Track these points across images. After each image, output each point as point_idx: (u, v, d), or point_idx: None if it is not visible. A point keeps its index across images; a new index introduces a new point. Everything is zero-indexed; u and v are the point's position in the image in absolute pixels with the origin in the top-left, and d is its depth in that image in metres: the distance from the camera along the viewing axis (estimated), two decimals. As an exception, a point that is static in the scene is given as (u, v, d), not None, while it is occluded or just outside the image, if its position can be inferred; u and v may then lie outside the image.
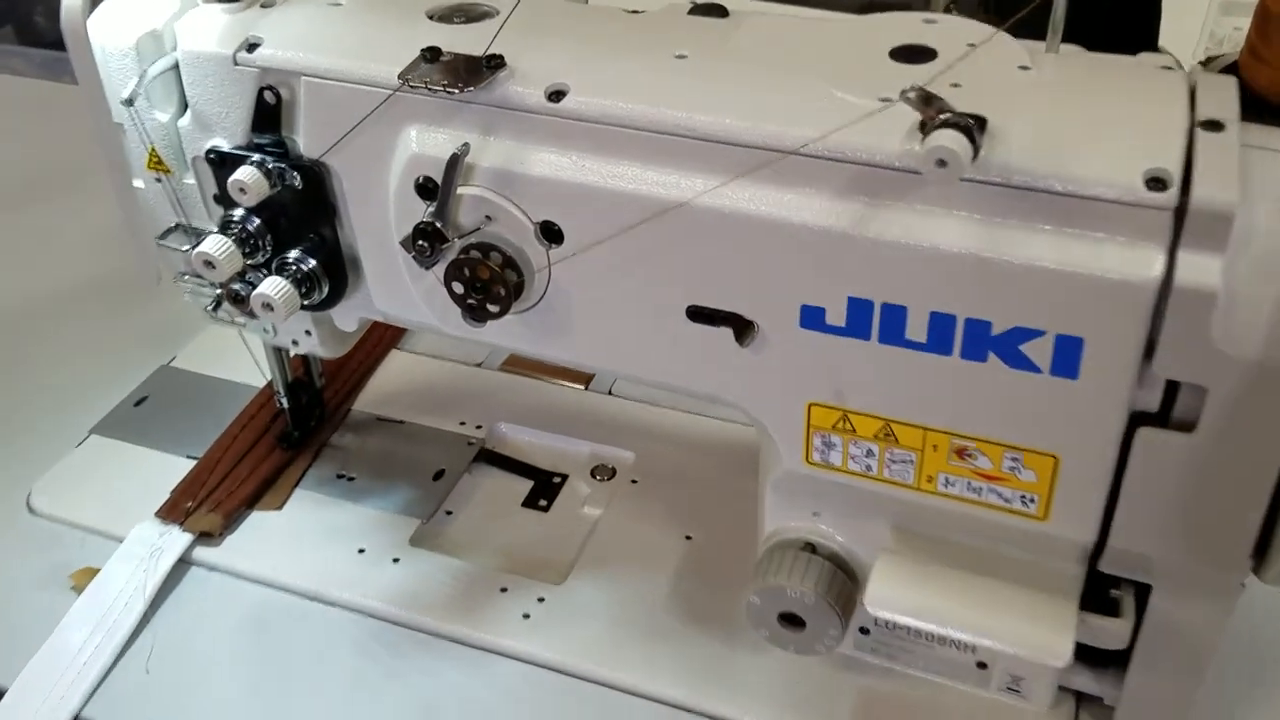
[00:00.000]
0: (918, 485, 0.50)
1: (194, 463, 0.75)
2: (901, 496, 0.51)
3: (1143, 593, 0.51)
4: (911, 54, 0.48)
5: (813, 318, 0.47)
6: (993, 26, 0.47)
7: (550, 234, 0.50)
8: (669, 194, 0.47)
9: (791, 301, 0.47)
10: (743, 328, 0.49)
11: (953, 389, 0.46)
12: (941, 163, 0.40)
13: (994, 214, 0.43)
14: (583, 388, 0.82)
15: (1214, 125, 0.42)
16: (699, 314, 0.50)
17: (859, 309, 0.46)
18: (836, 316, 0.47)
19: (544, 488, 0.75)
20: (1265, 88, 0.43)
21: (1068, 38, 0.48)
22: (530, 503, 0.74)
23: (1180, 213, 0.40)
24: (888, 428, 0.49)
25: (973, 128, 0.41)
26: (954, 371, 0.46)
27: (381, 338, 0.85)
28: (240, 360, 0.74)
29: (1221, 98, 0.43)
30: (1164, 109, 0.43)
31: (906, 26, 0.49)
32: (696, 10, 0.53)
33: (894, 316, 0.46)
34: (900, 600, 0.51)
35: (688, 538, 0.70)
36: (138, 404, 0.82)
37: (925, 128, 0.41)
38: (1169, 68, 0.47)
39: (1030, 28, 0.46)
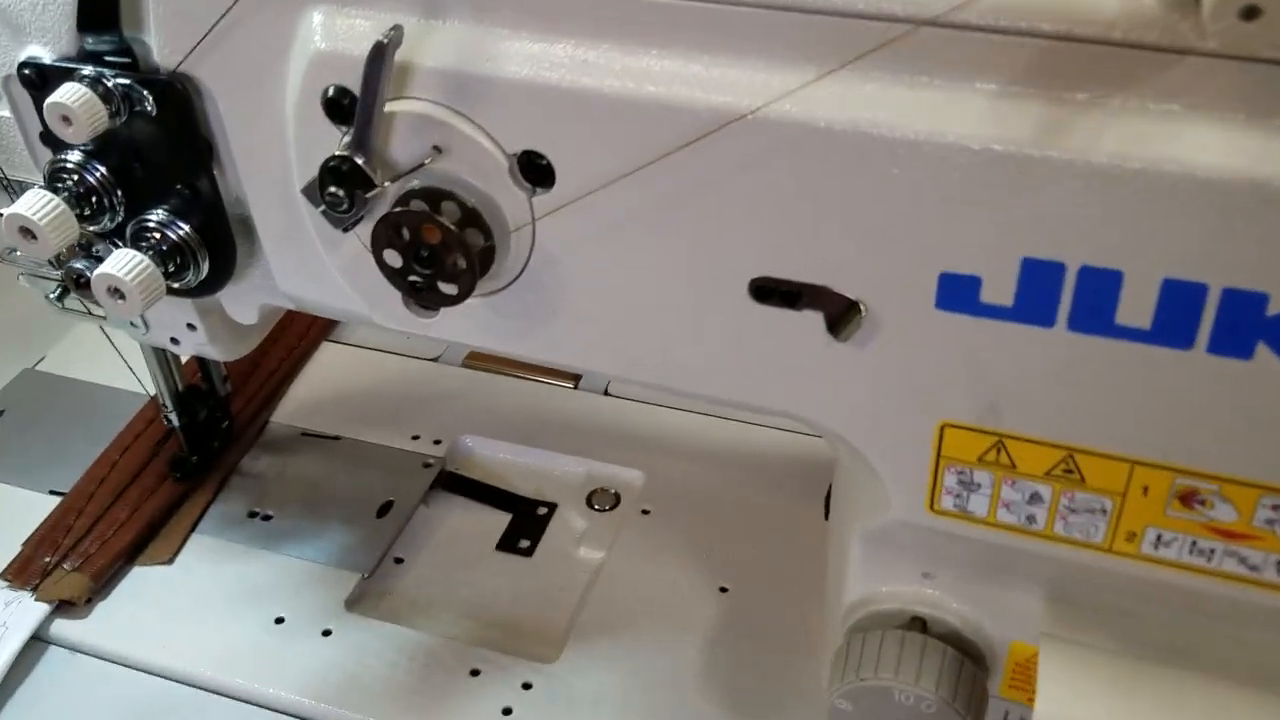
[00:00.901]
0: (1109, 546, 0.40)
1: (59, 500, 0.68)
2: (1076, 559, 0.41)
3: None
4: None
5: (959, 293, 0.38)
6: None
7: (534, 171, 0.43)
8: (722, 100, 0.38)
9: (924, 268, 0.38)
10: (840, 311, 0.40)
11: (1188, 401, 0.37)
12: (1252, 10, 0.27)
13: (1282, 114, 0.32)
14: (571, 386, 0.76)
15: None
16: (770, 291, 0.41)
17: (1038, 278, 0.36)
18: (999, 291, 0.37)
19: (526, 522, 0.68)
20: None
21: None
22: (508, 544, 0.67)
23: None
24: (1070, 460, 0.40)
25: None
26: (1194, 374, 0.36)
27: (309, 326, 0.79)
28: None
29: None
30: None
31: None
32: None
33: (1098, 289, 0.36)
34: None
35: (722, 590, 0.63)
36: (-10, 422, 0.76)
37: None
38: None
39: None
